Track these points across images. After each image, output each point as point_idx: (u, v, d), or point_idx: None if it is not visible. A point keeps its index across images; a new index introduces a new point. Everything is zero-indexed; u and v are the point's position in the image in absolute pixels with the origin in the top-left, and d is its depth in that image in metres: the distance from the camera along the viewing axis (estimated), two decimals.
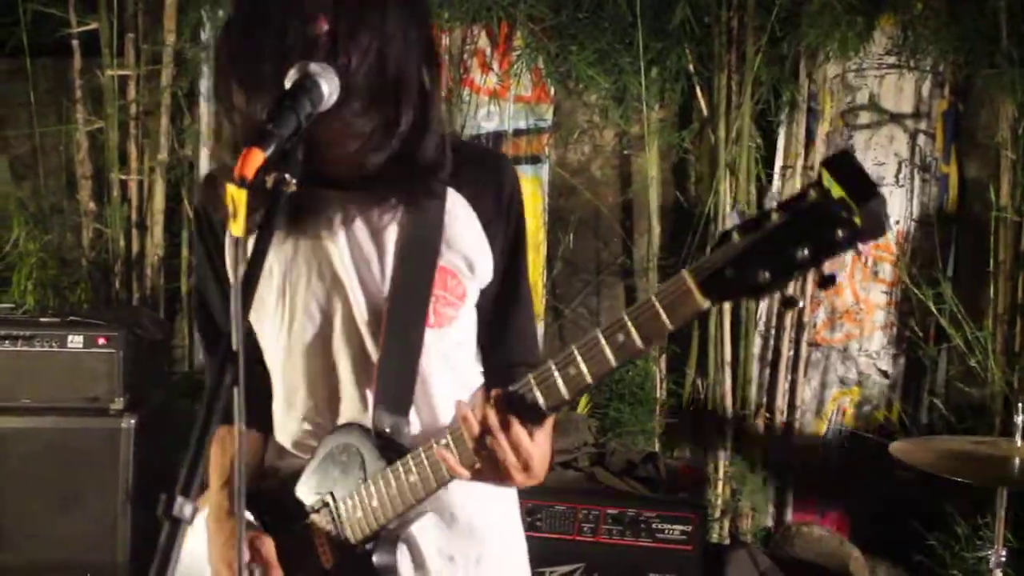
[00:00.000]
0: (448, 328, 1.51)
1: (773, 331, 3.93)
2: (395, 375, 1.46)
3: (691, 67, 3.80)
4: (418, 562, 1.53)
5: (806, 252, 1.08)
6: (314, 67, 1.20)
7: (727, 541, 3.78)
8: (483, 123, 3.91)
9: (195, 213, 1.58)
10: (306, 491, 1.52)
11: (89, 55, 3.85)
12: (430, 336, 1.49)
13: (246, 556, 1.51)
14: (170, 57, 3.85)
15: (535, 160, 3.95)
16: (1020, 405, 2.76)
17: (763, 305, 3.91)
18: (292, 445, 1.57)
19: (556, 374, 1.27)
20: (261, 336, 1.56)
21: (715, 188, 3.78)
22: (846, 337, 3.95)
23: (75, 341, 3.09)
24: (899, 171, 3.90)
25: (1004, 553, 2.73)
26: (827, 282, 1.11)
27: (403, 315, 1.46)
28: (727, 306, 3.83)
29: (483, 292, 1.55)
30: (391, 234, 1.47)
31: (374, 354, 1.48)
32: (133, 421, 3.06)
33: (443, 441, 1.37)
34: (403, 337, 1.46)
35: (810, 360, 3.94)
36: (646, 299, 1.20)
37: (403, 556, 1.51)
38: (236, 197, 1.01)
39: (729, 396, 3.86)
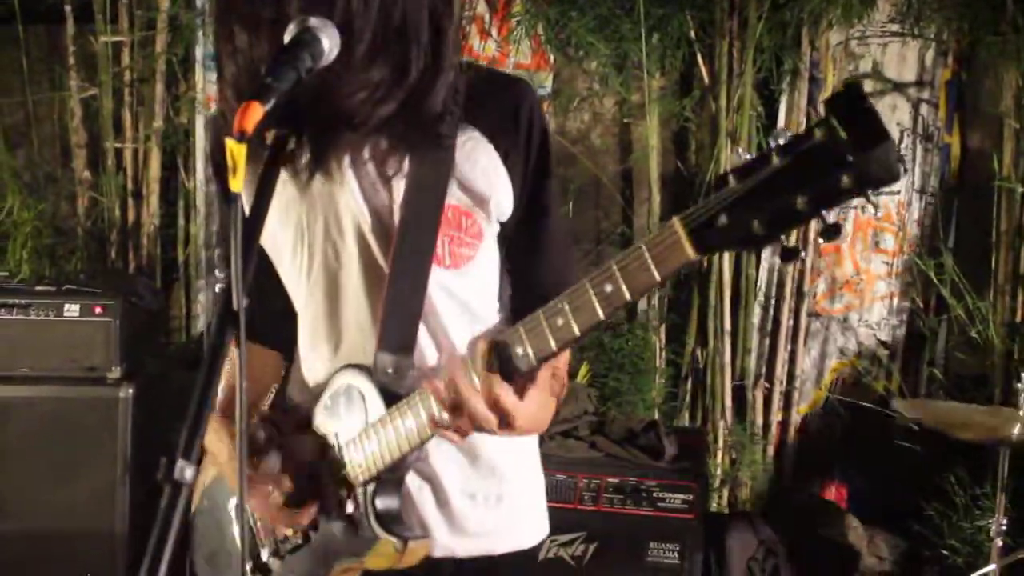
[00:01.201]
0: (466, 267, 1.48)
1: (773, 301, 3.91)
2: (398, 316, 1.44)
3: (692, 34, 3.76)
4: (441, 500, 1.53)
5: (806, 200, 0.97)
6: (314, 21, 1.17)
7: (726, 510, 3.78)
8: None
9: (210, 157, 1.55)
10: (316, 428, 1.52)
11: (82, 21, 3.80)
12: (446, 277, 1.47)
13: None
14: (164, 23, 3.79)
15: None
16: (1023, 374, 2.75)
17: (763, 274, 3.90)
18: (314, 384, 1.56)
19: (544, 324, 1.22)
20: (285, 279, 1.55)
21: (716, 157, 3.75)
22: (846, 308, 3.93)
23: (71, 310, 3.07)
24: (901, 141, 3.87)
25: (1005, 522, 2.72)
26: (832, 232, 0.99)
27: (409, 257, 1.43)
28: (727, 276, 3.81)
29: (506, 223, 1.51)
30: (401, 174, 1.45)
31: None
32: (131, 390, 3.05)
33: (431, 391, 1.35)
34: (407, 278, 1.44)
35: (810, 330, 3.93)
36: (635, 246, 1.12)
37: (427, 494, 1.52)
38: (235, 152, 0.98)
39: (728, 366, 3.85)
